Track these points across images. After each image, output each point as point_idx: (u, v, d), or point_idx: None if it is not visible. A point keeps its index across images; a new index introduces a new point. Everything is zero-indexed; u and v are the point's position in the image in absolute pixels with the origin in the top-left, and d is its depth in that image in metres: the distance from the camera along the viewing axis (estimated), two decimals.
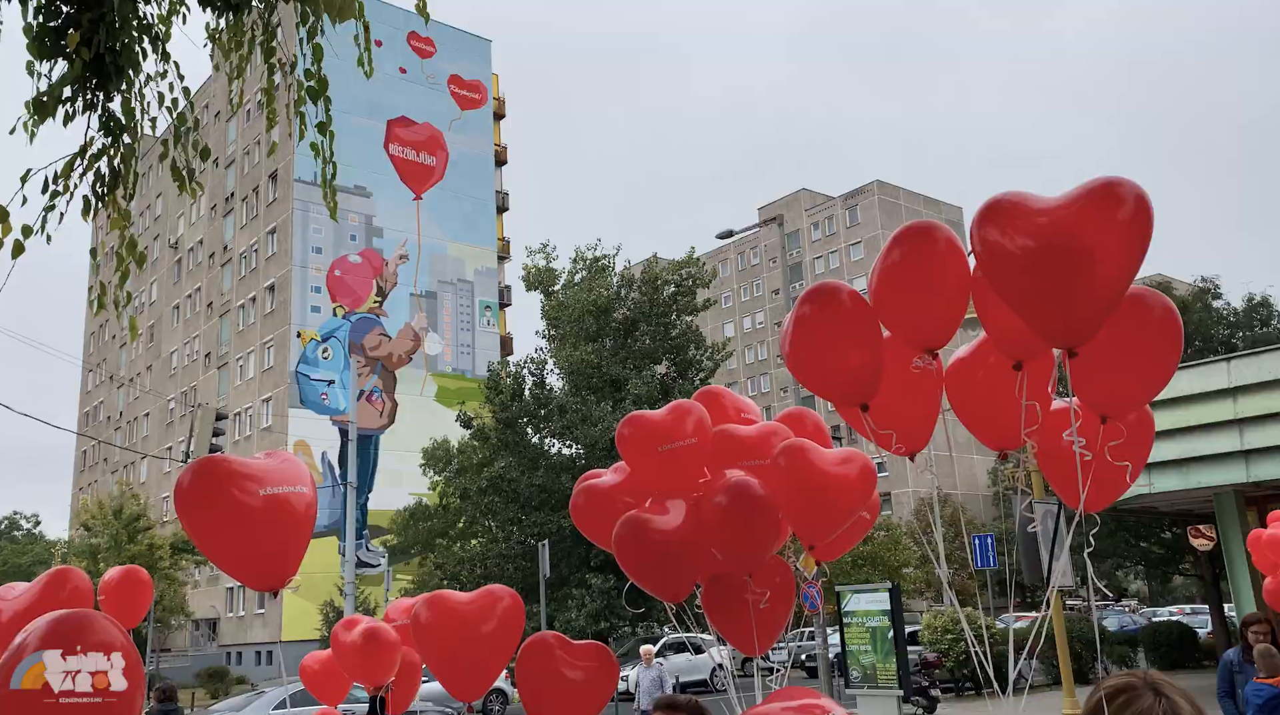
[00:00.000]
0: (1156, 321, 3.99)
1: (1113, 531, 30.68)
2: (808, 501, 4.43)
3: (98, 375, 73.50)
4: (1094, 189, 3.45)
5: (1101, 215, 3.43)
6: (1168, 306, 3.97)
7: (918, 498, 67.68)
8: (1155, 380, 4.17)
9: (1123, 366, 4.04)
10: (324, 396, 52.51)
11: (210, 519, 3.89)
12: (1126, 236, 3.49)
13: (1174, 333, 4.01)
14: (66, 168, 3.18)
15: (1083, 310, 3.60)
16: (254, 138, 59.17)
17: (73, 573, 5.19)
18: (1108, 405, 4.20)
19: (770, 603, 4.79)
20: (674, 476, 4.75)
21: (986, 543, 27.98)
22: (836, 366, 4.20)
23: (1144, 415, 4.54)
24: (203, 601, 54.90)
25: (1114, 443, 4.18)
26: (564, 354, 34.44)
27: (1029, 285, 3.59)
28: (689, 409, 4.80)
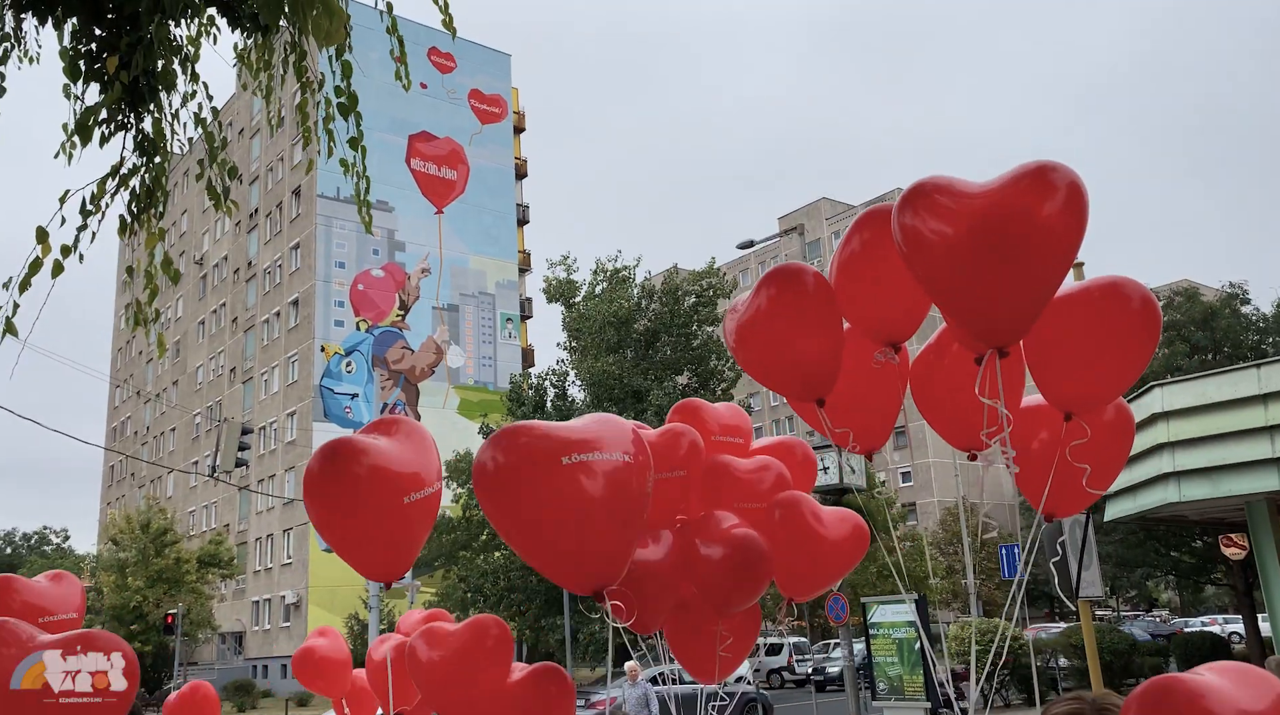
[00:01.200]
0: (1135, 312, 3.64)
1: (1142, 541, 30.30)
2: (800, 559, 4.34)
3: (125, 391, 74.33)
4: (1024, 174, 3.14)
5: (1032, 202, 3.10)
6: (1146, 297, 3.66)
7: (943, 507, 67.16)
8: (1125, 376, 3.81)
9: (1091, 360, 3.68)
10: (348, 410, 52.83)
11: (340, 509, 3.72)
12: (1059, 226, 3.16)
13: (1152, 325, 3.69)
14: (100, 187, 3.24)
15: (1012, 306, 3.27)
16: (277, 154, 59.82)
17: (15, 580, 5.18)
18: (1072, 402, 3.83)
19: (734, 639, 4.65)
20: (666, 508, 4.38)
21: (1014, 553, 27.71)
22: (793, 357, 3.89)
23: (1121, 415, 4.13)
24: (229, 615, 55.25)
25: (1077, 443, 3.82)
26: (585, 365, 34.49)
27: (953, 278, 3.26)
28: (680, 433, 4.43)
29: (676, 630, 4.73)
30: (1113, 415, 4.05)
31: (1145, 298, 3.66)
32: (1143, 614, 59.38)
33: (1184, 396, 15.51)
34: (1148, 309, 3.66)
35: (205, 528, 59.73)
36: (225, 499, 58.53)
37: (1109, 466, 4.11)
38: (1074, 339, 3.62)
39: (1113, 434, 4.07)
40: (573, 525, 3.33)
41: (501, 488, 3.37)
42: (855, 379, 3.98)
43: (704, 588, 4.37)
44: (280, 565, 52.86)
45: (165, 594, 42.17)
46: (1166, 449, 15.45)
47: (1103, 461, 4.02)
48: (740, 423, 4.98)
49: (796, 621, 52.77)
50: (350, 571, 20.56)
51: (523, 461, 3.34)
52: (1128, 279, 3.70)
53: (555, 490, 3.30)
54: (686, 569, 4.37)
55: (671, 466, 4.29)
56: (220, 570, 47.00)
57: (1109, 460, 4.09)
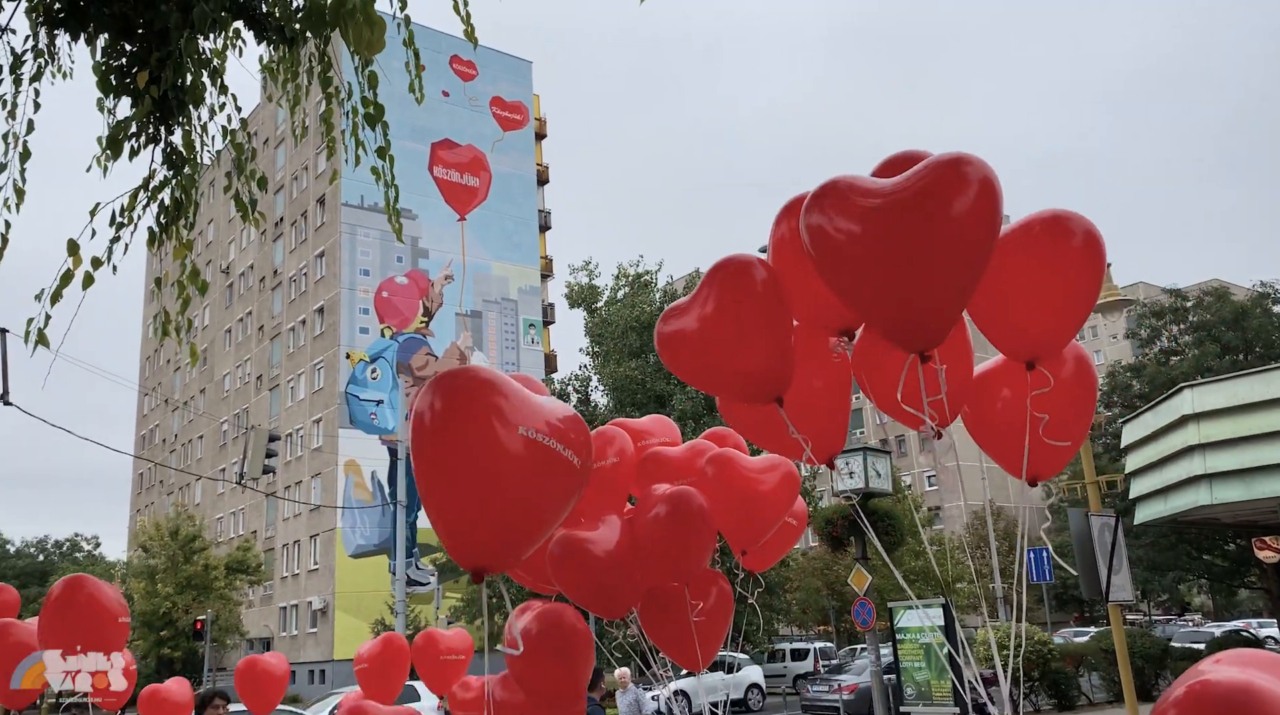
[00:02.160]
0: (1078, 248, 3.46)
1: (1174, 544, 29.91)
2: (736, 508, 4.57)
3: (153, 399, 75.19)
4: (933, 168, 2.96)
5: (941, 199, 2.93)
6: (1090, 229, 3.49)
7: (970, 511, 66.60)
8: (1077, 312, 3.64)
9: (1040, 300, 3.49)
10: (373, 416, 53.16)
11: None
12: (971, 223, 2.97)
13: (1096, 257, 3.49)
14: (131, 200, 3.28)
15: (927, 308, 3.10)
16: (302, 163, 60.36)
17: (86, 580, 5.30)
18: (1030, 348, 3.64)
19: (706, 614, 4.80)
20: (599, 496, 4.76)
21: (1041, 556, 27.43)
22: (750, 357, 3.61)
23: (1080, 364, 3.91)
24: (257, 621, 55.68)
25: (1041, 391, 3.65)
26: (608, 370, 34.54)
27: (864, 280, 3.09)
28: (610, 435, 4.93)
29: (648, 619, 4.86)
30: (1071, 365, 3.84)
31: (1088, 230, 3.50)
32: (1174, 618, 58.57)
33: (1215, 397, 15.31)
34: (1091, 241, 3.50)
35: (233, 534, 60.27)
36: (252, 506, 59.04)
37: (1075, 418, 3.92)
38: (1021, 281, 3.43)
39: (1073, 384, 3.85)
40: (494, 500, 3.02)
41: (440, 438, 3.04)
42: (802, 379, 3.74)
43: (653, 551, 4.55)
44: (307, 571, 53.22)
45: (194, 600, 42.58)
46: (1198, 451, 15.25)
47: (1066, 412, 3.83)
48: (670, 433, 5.42)
49: (821, 627, 52.50)
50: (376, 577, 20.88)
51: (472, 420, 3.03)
52: (1068, 212, 3.53)
53: (500, 457, 2.99)
54: (635, 544, 4.58)
55: (604, 457, 4.76)
56: (248, 576, 47.40)
57: (1073, 411, 3.89)
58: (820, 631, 53.07)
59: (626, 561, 4.59)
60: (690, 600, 4.65)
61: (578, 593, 4.66)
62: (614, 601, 4.71)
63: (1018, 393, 3.73)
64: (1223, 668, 1.91)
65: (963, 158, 2.96)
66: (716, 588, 4.93)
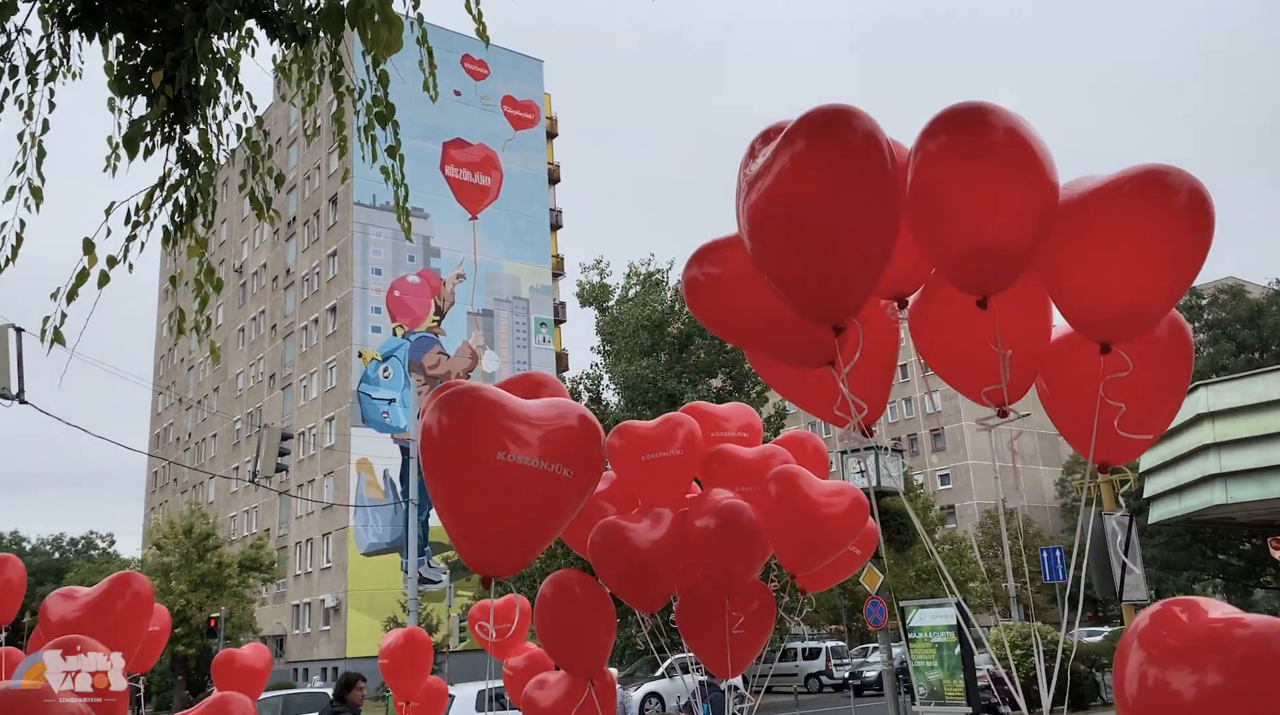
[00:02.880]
0: (1182, 205, 2.87)
1: (1188, 544, 29.74)
2: (796, 531, 4.30)
3: (167, 397, 75.64)
4: (808, 123, 2.73)
5: (821, 160, 2.73)
6: (1196, 188, 2.88)
7: (983, 510, 66.37)
8: (1170, 287, 3.02)
9: (1126, 276, 2.94)
10: (385, 415, 53.33)
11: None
12: (853, 182, 2.72)
13: (1202, 223, 2.89)
14: (147, 199, 3.30)
15: (825, 277, 2.86)
16: (314, 163, 60.60)
17: (135, 578, 5.36)
18: (1107, 328, 3.06)
19: (746, 627, 4.68)
20: (658, 486, 4.70)
21: (1055, 556, 27.32)
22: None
23: (1174, 342, 3.33)
24: (270, 619, 55.95)
25: (1118, 376, 3.15)
26: (619, 369, 34.54)
27: (777, 256, 2.87)
28: (679, 421, 4.76)
29: (687, 621, 4.80)
30: (1161, 345, 3.29)
31: (1194, 189, 2.88)
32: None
33: (1230, 396, 15.21)
34: (1196, 202, 2.87)
35: (246, 532, 60.56)
36: (265, 504, 59.32)
37: (1159, 406, 3.39)
38: (1101, 250, 2.94)
39: (1161, 367, 3.32)
40: (493, 514, 3.22)
41: (441, 459, 3.32)
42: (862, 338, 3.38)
43: (699, 559, 4.51)
44: (320, 569, 53.44)
45: (208, 598, 42.83)
46: (1213, 450, 15.17)
47: (1148, 400, 3.31)
48: (738, 418, 5.15)
49: (833, 626, 52.42)
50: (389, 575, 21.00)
51: (460, 444, 3.25)
52: (1169, 168, 2.92)
53: (485, 481, 3.19)
54: (684, 545, 4.52)
55: (669, 447, 4.63)
56: (261, 574, 47.61)
57: (1162, 391, 3.36)
58: (831, 630, 52.98)
59: (668, 556, 4.52)
60: (731, 612, 4.55)
61: (615, 582, 4.70)
62: (650, 594, 4.68)
63: (1095, 369, 3.24)
64: None
65: (842, 110, 2.85)
66: (759, 602, 4.80)
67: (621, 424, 4.91)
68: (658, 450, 4.63)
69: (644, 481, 4.75)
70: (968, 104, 2.86)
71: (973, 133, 2.80)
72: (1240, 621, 2.09)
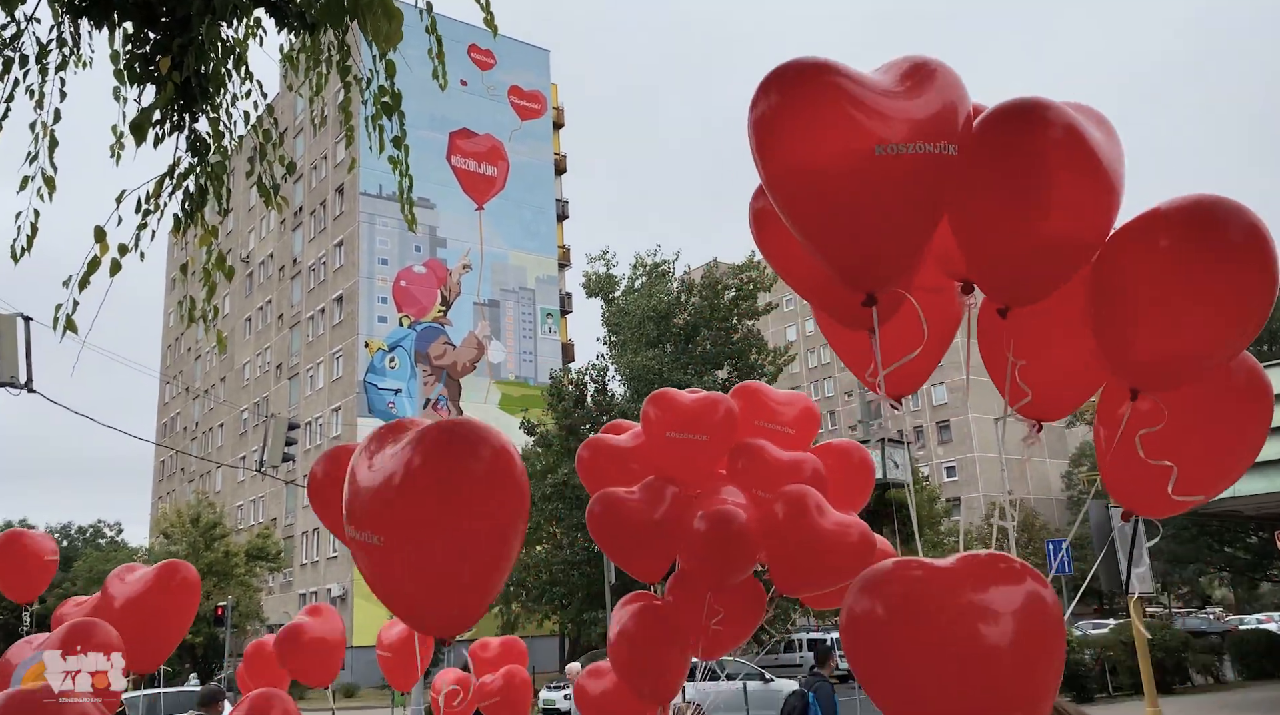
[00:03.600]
0: (1233, 245, 2.55)
1: (1194, 537, 29.72)
2: (793, 556, 4.20)
3: (174, 387, 75.90)
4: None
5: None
6: (1253, 224, 2.56)
7: (988, 501, 66.34)
8: (1222, 337, 2.64)
9: (1166, 313, 2.62)
10: (391, 405, 53.44)
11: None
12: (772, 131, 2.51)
13: (1262, 266, 2.53)
14: (156, 187, 3.31)
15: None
16: (321, 153, 60.61)
17: (182, 566, 5.38)
18: (1139, 371, 2.72)
19: (726, 623, 4.56)
20: (676, 465, 4.59)
21: (1061, 548, 27.33)
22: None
23: (1252, 393, 2.87)
24: (276, 607, 56.22)
25: (1148, 431, 2.81)
26: (625, 360, 34.57)
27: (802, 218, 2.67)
28: (717, 403, 4.55)
29: (675, 599, 4.74)
30: (1243, 379, 2.87)
31: (1251, 225, 2.55)
32: (1195, 611, 58.22)
33: None
34: (1254, 240, 2.53)
35: (253, 522, 60.84)
36: (272, 493, 59.55)
37: (1230, 456, 2.93)
38: (1136, 284, 2.65)
39: (1239, 406, 2.89)
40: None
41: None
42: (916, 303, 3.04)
43: (685, 555, 4.51)
44: (326, 559, 53.68)
45: (215, 586, 43.06)
46: None
47: (1208, 459, 2.90)
48: (796, 404, 4.85)
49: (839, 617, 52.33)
50: None
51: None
52: (1219, 199, 2.60)
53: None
54: (679, 531, 4.48)
55: (696, 430, 4.45)
56: (268, 563, 47.85)
57: (1226, 448, 2.91)
58: (835, 623, 53.06)
59: (665, 532, 4.48)
60: (713, 606, 4.48)
61: (611, 549, 4.72)
62: (645, 566, 4.65)
63: (1112, 407, 2.92)
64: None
65: (784, 67, 2.60)
66: (744, 596, 4.68)
67: (660, 391, 4.71)
68: (684, 430, 4.48)
69: (666, 457, 4.65)
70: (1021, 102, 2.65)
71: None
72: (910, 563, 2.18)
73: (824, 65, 2.47)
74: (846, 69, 2.51)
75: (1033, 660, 2.23)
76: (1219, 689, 22.85)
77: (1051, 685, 2.21)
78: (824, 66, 2.47)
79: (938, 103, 2.52)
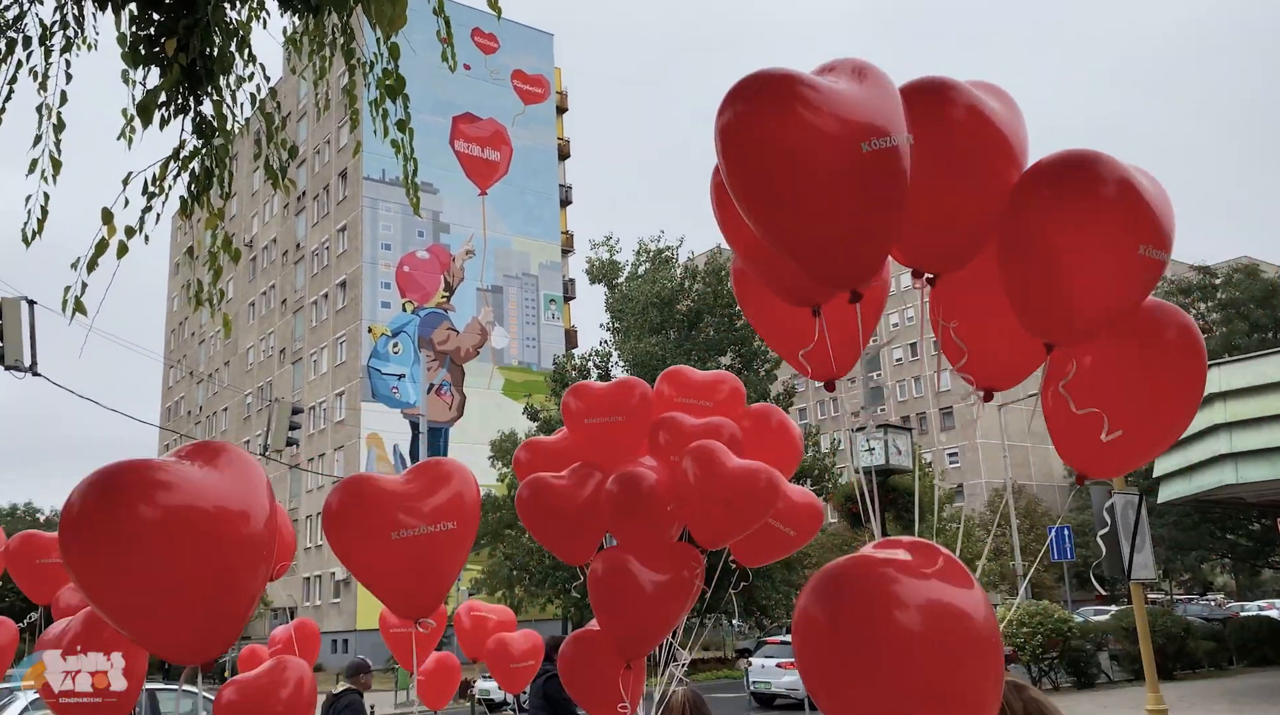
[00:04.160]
0: (1113, 192, 2.64)
1: (1197, 524, 29.73)
2: (708, 506, 4.32)
3: (179, 371, 76.06)
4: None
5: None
6: (1124, 177, 2.68)
7: (991, 488, 66.40)
8: (1118, 281, 2.72)
9: (1069, 265, 2.70)
10: (394, 390, 53.53)
11: (357, 550, 3.73)
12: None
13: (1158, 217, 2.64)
14: (162, 170, 3.31)
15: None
16: (324, 137, 60.48)
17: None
18: (1049, 326, 2.80)
19: (660, 589, 4.49)
20: (599, 450, 4.74)
21: (1064, 535, 27.36)
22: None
23: (1182, 333, 2.94)
24: (281, 591, 56.48)
25: (1065, 381, 2.94)
26: (628, 346, 34.56)
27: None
28: (632, 387, 4.80)
29: (594, 586, 4.69)
30: (1175, 335, 2.95)
31: (1122, 179, 2.68)
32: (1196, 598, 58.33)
33: (1243, 376, 15.15)
34: (1124, 191, 2.66)
35: None
36: (276, 477, 59.71)
37: (1166, 413, 3.02)
38: (1026, 237, 2.76)
39: (1172, 361, 2.96)
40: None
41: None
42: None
43: (603, 519, 4.63)
44: None
45: None
46: (1224, 430, 15.11)
47: (1151, 407, 2.95)
48: (714, 388, 5.02)
49: None
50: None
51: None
52: (1090, 151, 2.75)
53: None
54: (603, 512, 4.62)
55: (612, 413, 4.67)
56: None
57: (1162, 404, 2.98)
58: None
59: (593, 511, 4.62)
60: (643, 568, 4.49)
61: (540, 532, 4.83)
62: (573, 546, 4.77)
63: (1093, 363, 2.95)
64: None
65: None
66: (673, 561, 4.59)
67: (577, 384, 4.92)
68: (602, 415, 4.68)
69: (588, 444, 4.83)
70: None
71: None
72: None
73: (792, 73, 2.55)
74: (810, 76, 2.59)
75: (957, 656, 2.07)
76: (1220, 675, 22.93)
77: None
78: (792, 74, 2.55)
79: (893, 96, 2.62)
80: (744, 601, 34.62)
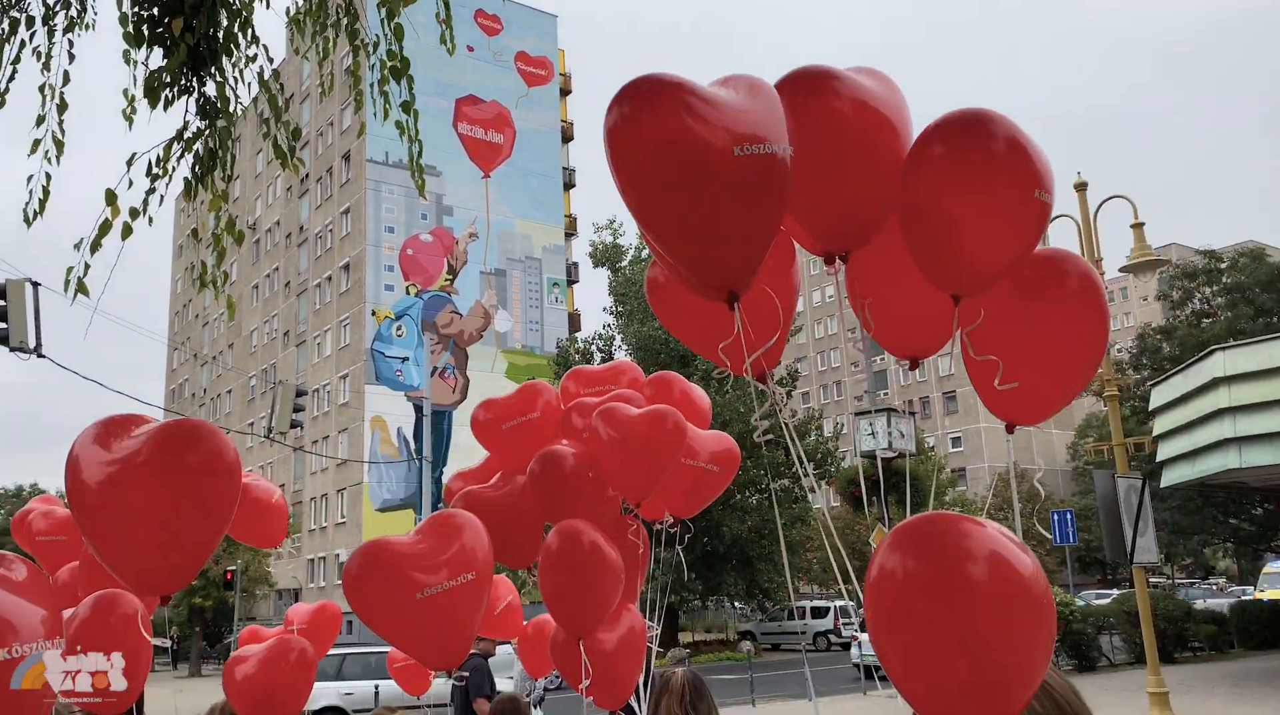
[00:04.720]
0: (1003, 149, 2.78)
1: (1200, 508, 29.73)
2: (620, 459, 4.49)
3: (183, 353, 76.18)
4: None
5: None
6: (1014, 135, 2.80)
7: (993, 472, 66.46)
8: (1011, 230, 2.84)
9: (968, 214, 2.79)
10: (398, 373, 53.59)
11: (380, 614, 3.89)
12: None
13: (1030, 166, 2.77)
14: (166, 151, 3.30)
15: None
16: (327, 119, 60.30)
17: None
18: (952, 277, 2.91)
19: (595, 571, 4.45)
20: (519, 453, 4.84)
21: (1066, 518, 27.38)
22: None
23: (1083, 281, 3.05)
24: (285, 572, 56.78)
25: (970, 328, 3.05)
26: (631, 330, 34.55)
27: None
28: (539, 389, 5.03)
29: (543, 570, 4.66)
30: (1076, 283, 3.06)
31: (1011, 137, 2.79)
32: (1198, 582, 58.44)
33: (1247, 360, 15.11)
34: (1014, 150, 2.80)
35: None
36: (281, 459, 59.92)
37: (1072, 358, 3.12)
38: (922, 194, 2.87)
39: (1074, 309, 3.06)
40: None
41: None
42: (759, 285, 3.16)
43: (532, 503, 4.74)
44: (334, 524, 54.11)
45: (224, 551, 43.45)
46: (1228, 414, 15.10)
47: (1057, 355, 3.08)
48: (615, 377, 5.22)
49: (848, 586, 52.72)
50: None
51: None
52: (983, 110, 2.86)
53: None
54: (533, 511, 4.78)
55: (526, 412, 4.87)
56: None
57: (1067, 351, 3.10)
58: (838, 591, 53.40)
59: (526, 514, 4.74)
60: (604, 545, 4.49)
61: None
62: (516, 551, 4.84)
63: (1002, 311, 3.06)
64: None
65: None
66: (619, 535, 4.64)
67: (485, 399, 5.07)
68: (516, 416, 4.83)
69: (508, 451, 4.96)
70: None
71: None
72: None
73: (672, 78, 2.65)
74: (695, 84, 2.68)
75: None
76: (1221, 658, 23.01)
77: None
78: (672, 80, 2.64)
79: (775, 109, 2.71)
80: (746, 584, 34.74)
